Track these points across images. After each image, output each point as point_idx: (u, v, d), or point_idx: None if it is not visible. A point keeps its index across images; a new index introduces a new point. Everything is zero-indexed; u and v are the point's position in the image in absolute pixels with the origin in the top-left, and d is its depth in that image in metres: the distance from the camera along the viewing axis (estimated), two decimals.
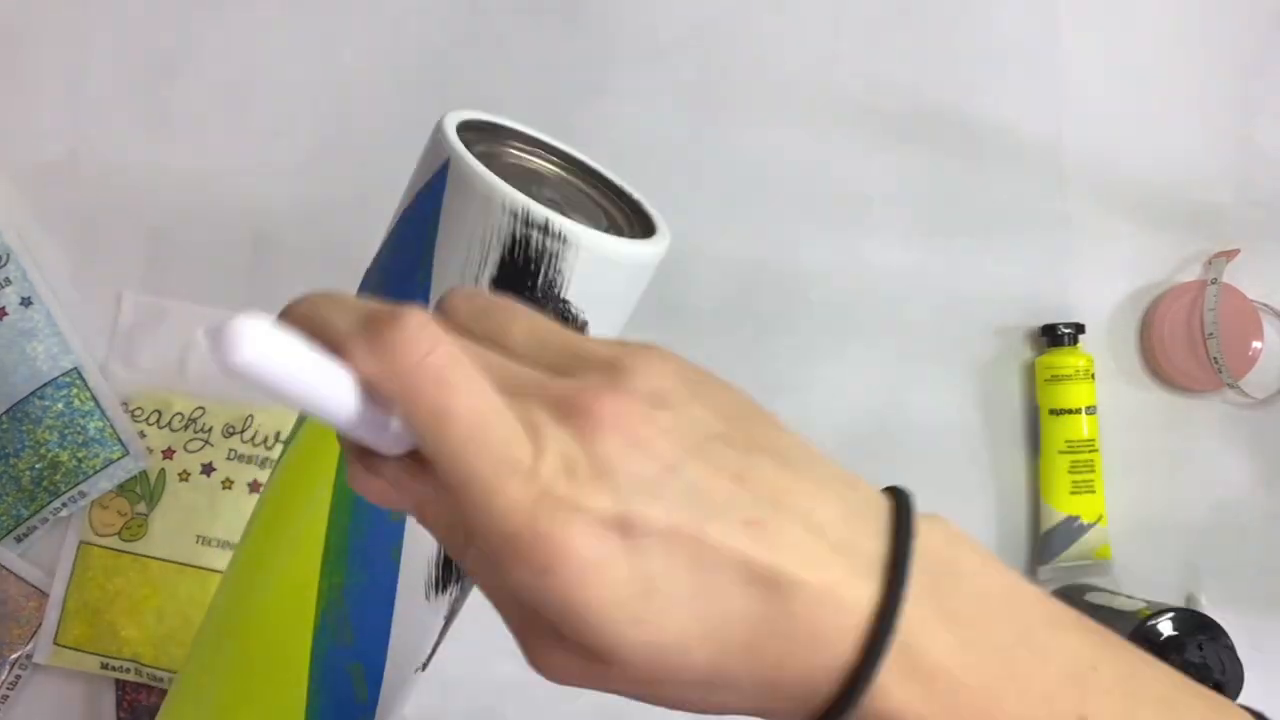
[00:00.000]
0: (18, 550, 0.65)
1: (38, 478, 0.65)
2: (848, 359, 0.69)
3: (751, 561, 0.26)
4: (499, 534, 0.25)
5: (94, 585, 0.65)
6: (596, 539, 0.25)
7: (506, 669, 0.65)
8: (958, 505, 0.69)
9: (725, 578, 0.26)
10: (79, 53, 0.69)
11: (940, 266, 0.70)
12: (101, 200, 0.68)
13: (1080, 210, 0.71)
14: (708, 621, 0.26)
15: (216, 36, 0.70)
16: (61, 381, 0.65)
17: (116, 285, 0.68)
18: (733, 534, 0.26)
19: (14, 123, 0.69)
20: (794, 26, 0.71)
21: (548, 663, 0.27)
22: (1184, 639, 0.57)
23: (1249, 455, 0.70)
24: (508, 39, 0.71)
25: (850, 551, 0.27)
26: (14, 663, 0.65)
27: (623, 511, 0.25)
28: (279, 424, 0.66)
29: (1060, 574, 0.68)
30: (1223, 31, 0.73)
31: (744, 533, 0.26)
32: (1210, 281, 0.69)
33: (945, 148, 0.71)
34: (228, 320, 0.23)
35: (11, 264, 0.66)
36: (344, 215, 0.69)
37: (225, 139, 0.69)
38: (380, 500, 0.28)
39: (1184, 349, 0.69)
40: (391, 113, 0.70)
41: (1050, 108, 0.71)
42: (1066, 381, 0.67)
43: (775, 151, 0.70)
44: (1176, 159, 0.72)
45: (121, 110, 0.69)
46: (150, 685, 0.64)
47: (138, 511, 0.65)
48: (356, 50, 0.70)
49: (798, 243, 0.70)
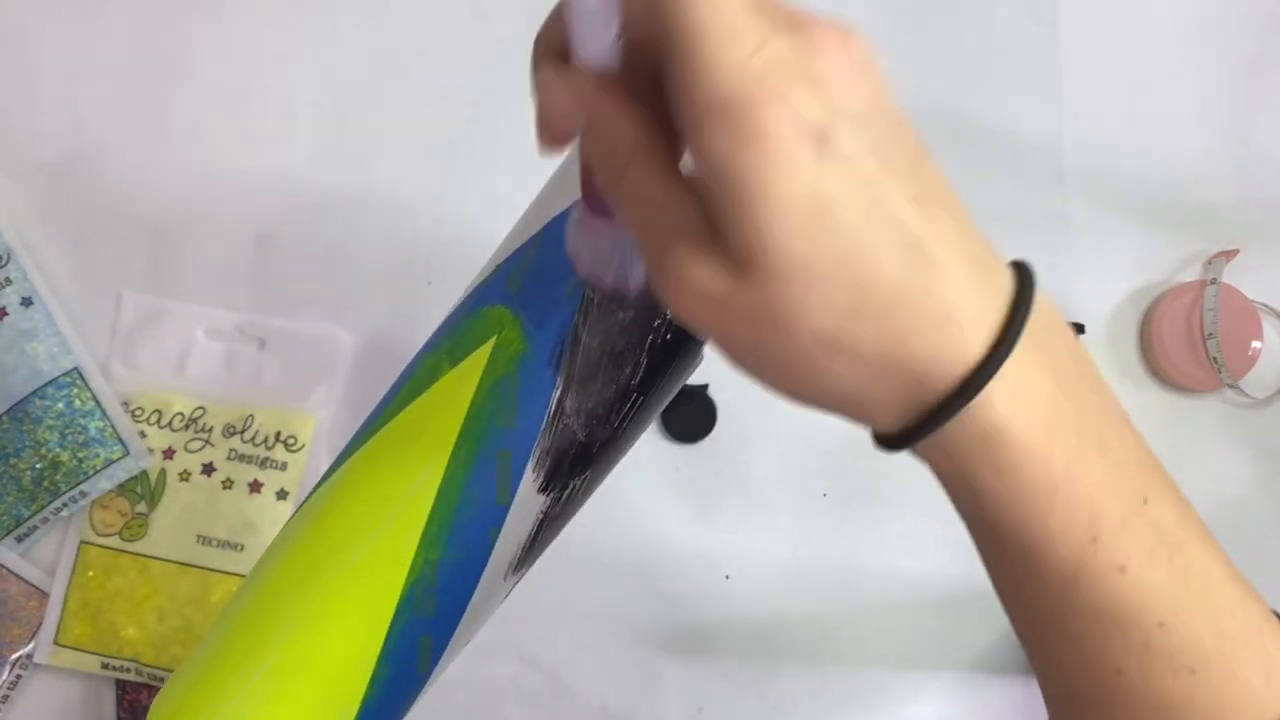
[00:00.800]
0: (18, 550, 0.65)
1: (38, 477, 0.65)
2: None
3: (914, 228, 0.27)
4: (714, 95, 0.25)
5: (94, 585, 0.65)
6: (800, 135, 0.25)
7: (507, 669, 0.65)
8: None
9: (888, 232, 0.26)
10: (79, 53, 0.69)
11: None
12: (102, 200, 0.68)
13: (1080, 210, 0.71)
14: (860, 267, 0.26)
15: (217, 37, 0.70)
16: (62, 381, 0.65)
17: (117, 285, 0.68)
18: (906, 201, 0.27)
19: (14, 123, 0.69)
20: None
21: (685, 274, 0.27)
22: None
23: (1249, 455, 0.70)
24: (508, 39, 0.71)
25: (989, 268, 0.29)
26: (14, 662, 0.65)
27: (828, 124, 0.26)
28: (279, 424, 0.66)
29: None
30: (1223, 31, 0.73)
31: (915, 205, 0.27)
32: (1210, 281, 0.69)
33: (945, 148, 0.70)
34: None
35: (12, 264, 0.66)
36: (344, 215, 0.69)
37: (226, 139, 0.69)
38: (556, 108, 0.28)
39: (1183, 349, 0.69)
40: (392, 113, 0.70)
41: (1050, 108, 0.71)
42: None
43: None
44: (1176, 159, 0.72)
45: (122, 110, 0.69)
46: (151, 685, 0.65)
47: (138, 511, 0.65)
48: (357, 50, 0.70)
49: None
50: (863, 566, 0.68)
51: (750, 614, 0.68)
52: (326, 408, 0.67)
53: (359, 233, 0.69)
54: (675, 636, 0.67)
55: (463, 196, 0.69)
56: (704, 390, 0.68)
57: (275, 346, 0.68)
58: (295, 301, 0.68)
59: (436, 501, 0.42)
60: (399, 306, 0.68)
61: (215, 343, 0.68)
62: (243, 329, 0.68)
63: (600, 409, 0.42)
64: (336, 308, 0.68)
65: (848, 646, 0.68)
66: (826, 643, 0.68)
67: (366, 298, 0.68)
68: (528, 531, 0.43)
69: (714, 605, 0.68)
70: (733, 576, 0.68)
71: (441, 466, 0.42)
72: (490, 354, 0.42)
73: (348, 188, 0.69)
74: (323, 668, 0.43)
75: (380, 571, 0.42)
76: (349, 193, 0.69)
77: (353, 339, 0.68)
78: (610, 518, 0.68)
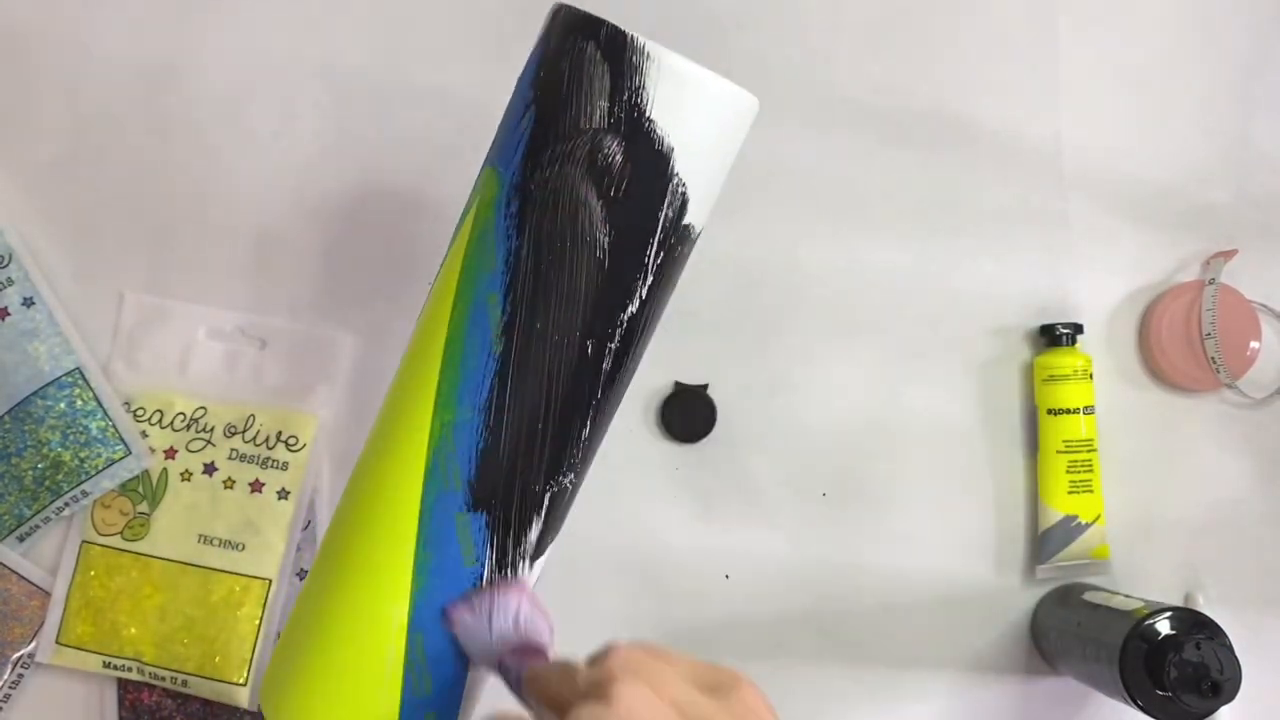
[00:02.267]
0: (20, 549, 0.65)
1: (40, 477, 0.65)
2: (847, 359, 0.70)
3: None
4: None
5: (96, 584, 0.65)
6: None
7: None
8: (956, 504, 0.69)
9: None
10: (80, 52, 0.69)
11: (939, 266, 0.70)
12: (103, 200, 0.68)
13: (1079, 210, 0.71)
14: None
15: (217, 37, 0.70)
16: (64, 381, 0.65)
17: (118, 285, 0.68)
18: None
19: (15, 123, 0.69)
20: (794, 26, 0.71)
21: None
22: (1182, 638, 0.58)
23: (1247, 455, 0.71)
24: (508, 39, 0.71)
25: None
26: (16, 662, 0.65)
27: None
28: (281, 424, 0.66)
29: (1058, 573, 0.69)
30: (1222, 31, 0.73)
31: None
32: (1208, 282, 0.69)
33: (944, 147, 0.71)
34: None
35: (13, 264, 0.66)
36: (344, 215, 0.69)
37: (226, 139, 0.69)
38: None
39: (1182, 349, 0.69)
40: (392, 113, 0.70)
41: (1050, 108, 0.72)
42: (1064, 381, 0.68)
43: (775, 151, 0.70)
44: (1175, 159, 0.72)
45: (123, 110, 0.69)
46: (152, 684, 0.65)
47: (140, 511, 0.66)
48: (358, 50, 0.70)
49: (798, 243, 0.70)
50: (863, 566, 0.69)
51: (750, 614, 0.68)
52: (328, 407, 0.67)
53: (359, 233, 0.69)
54: (675, 636, 0.67)
55: (463, 196, 0.69)
56: (704, 390, 0.69)
57: (276, 346, 0.68)
58: (296, 301, 0.68)
59: (443, 365, 0.45)
60: (399, 307, 0.68)
61: (216, 343, 0.68)
62: (244, 329, 0.68)
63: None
64: (337, 308, 0.68)
65: (848, 646, 0.68)
66: (826, 642, 0.68)
67: (367, 298, 0.69)
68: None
69: (714, 605, 0.68)
70: (733, 576, 0.68)
71: (443, 329, 0.45)
72: (476, 208, 0.46)
73: (348, 188, 0.69)
74: (370, 560, 0.45)
75: (405, 448, 0.45)
76: (349, 193, 0.69)
77: (353, 339, 0.68)
78: (610, 518, 0.68)
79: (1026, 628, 0.69)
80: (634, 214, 0.45)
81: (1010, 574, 0.69)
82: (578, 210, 0.44)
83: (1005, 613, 0.69)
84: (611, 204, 0.44)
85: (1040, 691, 0.69)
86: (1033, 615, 0.69)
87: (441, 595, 0.44)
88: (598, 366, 0.45)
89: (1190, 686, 0.57)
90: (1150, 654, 0.58)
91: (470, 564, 0.45)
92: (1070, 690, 0.68)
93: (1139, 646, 0.58)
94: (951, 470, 0.69)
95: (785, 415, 0.69)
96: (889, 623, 0.68)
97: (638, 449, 0.69)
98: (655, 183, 0.44)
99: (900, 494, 0.69)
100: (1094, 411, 0.68)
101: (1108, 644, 0.60)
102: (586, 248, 0.44)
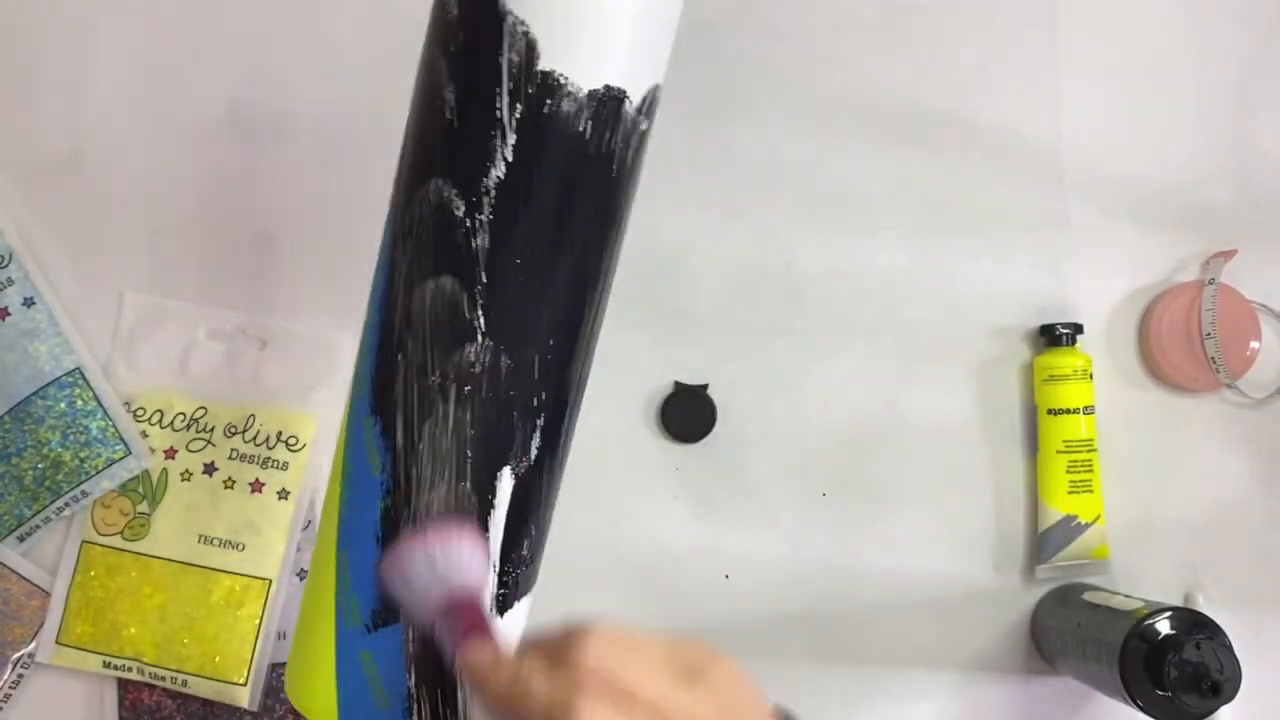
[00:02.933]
0: (20, 549, 0.66)
1: (40, 477, 0.65)
2: (847, 359, 0.70)
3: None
4: None
5: (96, 584, 0.65)
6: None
7: None
8: (956, 504, 0.69)
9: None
10: (81, 52, 0.69)
11: (939, 266, 0.70)
12: (103, 201, 0.68)
13: (1079, 210, 0.71)
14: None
15: (217, 37, 0.70)
16: (64, 381, 0.65)
17: (118, 285, 0.68)
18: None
19: (15, 123, 0.69)
20: (794, 27, 0.71)
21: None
22: (1182, 638, 0.58)
23: (1247, 455, 0.70)
24: None
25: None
26: (16, 662, 0.65)
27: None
28: (281, 424, 0.66)
29: (1058, 573, 0.68)
30: (1222, 31, 0.73)
31: None
32: (1208, 282, 0.69)
33: (944, 148, 0.71)
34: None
35: (14, 264, 0.66)
36: (344, 215, 0.69)
37: (226, 139, 0.69)
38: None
39: (1182, 349, 0.69)
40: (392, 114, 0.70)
41: (1049, 108, 0.72)
42: (1064, 381, 0.68)
43: (775, 151, 0.70)
44: (1175, 159, 0.72)
45: (123, 110, 0.69)
46: (152, 684, 0.65)
47: (140, 511, 0.66)
48: (358, 51, 0.70)
49: (798, 243, 0.70)
50: (863, 566, 0.69)
51: (750, 614, 0.68)
52: (328, 407, 0.67)
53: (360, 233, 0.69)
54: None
55: None
56: (704, 390, 0.69)
57: (276, 347, 0.68)
58: (296, 302, 0.68)
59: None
60: None
61: (216, 343, 0.68)
62: (244, 329, 0.68)
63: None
64: (337, 308, 0.68)
65: (848, 646, 0.68)
66: (826, 642, 0.68)
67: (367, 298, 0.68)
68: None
69: (714, 605, 0.68)
70: (732, 576, 0.68)
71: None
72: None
73: (348, 188, 0.69)
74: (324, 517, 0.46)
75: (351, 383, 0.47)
76: (350, 193, 0.69)
77: (354, 339, 0.68)
78: (610, 518, 0.68)
79: (1026, 628, 0.69)
80: (473, 65, 0.42)
81: (1010, 574, 0.69)
82: (431, 68, 0.44)
83: (1005, 613, 0.69)
84: (452, 58, 0.43)
85: (1040, 691, 0.69)
86: (1033, 615, 0.69)
87: (359, 507, 0.43)
88: (469, 242, 0.42)
89: (1190, 686, 0.57)
90: (1150, 654, 0.58)
91: (376, 473, 0.43)
92: (1070, 690, 0.68)
93: (1139, 646, 0.58)
94: (951, 470, 0.69)
95: (785, 415, 0.69)
96: (889, 623, 0.68)
97: (638, 449, 0.69)
98: (486, 24, 0.41)
99: (900, 494, 0.69)
100: (1094, 411, 0.68)
101: (1108, 644, 0.60)
102: (437, 110, 0.43)
